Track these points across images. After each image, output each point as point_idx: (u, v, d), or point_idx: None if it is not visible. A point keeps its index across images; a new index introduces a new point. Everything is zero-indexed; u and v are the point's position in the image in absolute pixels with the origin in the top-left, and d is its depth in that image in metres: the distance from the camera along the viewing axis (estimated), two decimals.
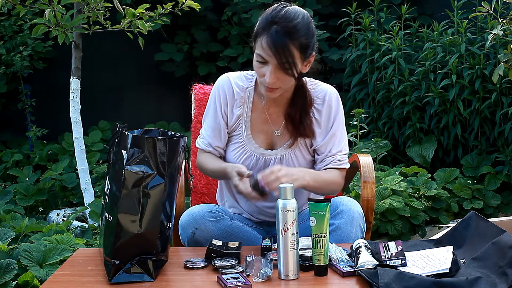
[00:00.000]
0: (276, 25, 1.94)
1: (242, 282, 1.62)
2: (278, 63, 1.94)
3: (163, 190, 1.70)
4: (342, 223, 1.97)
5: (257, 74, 2.02)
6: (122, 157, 1.68)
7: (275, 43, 1.92)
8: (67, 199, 4.04)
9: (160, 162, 1.69)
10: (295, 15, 1.96)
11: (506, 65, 3.26)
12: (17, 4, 3.22)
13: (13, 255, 2.49)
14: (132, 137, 1.69)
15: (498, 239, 1.70)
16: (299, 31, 1.94)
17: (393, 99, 4.27)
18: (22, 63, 4.72)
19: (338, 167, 2.12)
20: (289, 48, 1.93)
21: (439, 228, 3.49)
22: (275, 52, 1.93)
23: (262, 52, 1.96)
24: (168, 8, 3.28)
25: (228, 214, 2.09)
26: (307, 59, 2.01)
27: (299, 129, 2.10)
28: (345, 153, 2.14)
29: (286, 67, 1.95)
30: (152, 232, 1.70)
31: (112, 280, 1.68)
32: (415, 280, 1.57)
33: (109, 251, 1.69)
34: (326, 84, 2.18)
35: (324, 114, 2.12)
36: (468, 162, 4.01)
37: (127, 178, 1.66)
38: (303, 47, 1.96)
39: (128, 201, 1.67)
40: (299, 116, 2.10)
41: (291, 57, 1.94)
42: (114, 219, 1.67)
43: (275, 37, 1.92)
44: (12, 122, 5.27)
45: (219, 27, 5.27)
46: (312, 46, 2.01)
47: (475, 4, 4.09)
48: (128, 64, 5.39)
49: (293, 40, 1.93)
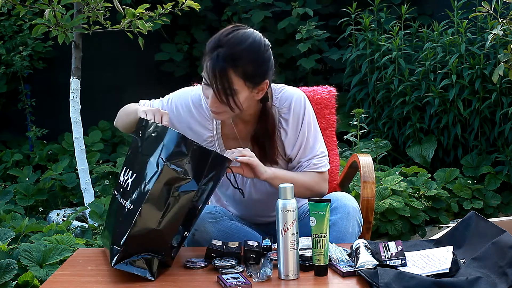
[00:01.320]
0: (220, 49, 1.85)
1: (242, 282, 1.62)
2: (215, 89, 1.86)
3: (192, 197, 1.71)
4: (338, 219, 1.96)
5: (204, 95, 1.97)
6: (160, 151, 1.68)
7: (213, 68, 1.85)
8: (67, 199, 4.04)
9: (200, 171, 1.69)
10: (242, 41, 1.87)
11: (506, 65, 3.26)
12: (17, 4, 3.22)
13: (13, 255, 2.49)
14: (181, 137, 1.70)
15: (498, 239, 1.70)
16: (242, 58, 1.85)
17: (393, 99, 4.28)
18: (22, 63, 4.72)
19: (315, 170, 2.07)
20: (227, 74, 1.84)
21: (439, 228, 3.49)
22: (213, 77, 1.85)
23: (204, 75, 1.90)
24: (168, 8, 3.28)
25: (227, 215, 2.09)
26: (256, 86, 1.92)
27: (264, 154, 2.04)
28: (321, 156, 2.08)
29: (222, 94, 1.86)
30: (168, 232, 1.71)
31: (114, 266, 1.68)
32: (415, 280, 1.57)
33: (121, 238, 1.68)
34: (292, 89, 2.09)
35: (291, 123, 2.05)
36: (468, 162, 4.01)
37: (163, 173, 1.66)
38: (248, 75, 1.87)
39: (157, 195, 1.67)
40: (263, 141, 2.04)
41: (228, 84, 1.85)
42: (137, 208, 1.67)
43: (215, 61, 1.85)
44: (12, 122, 5.27)
45: (219, 27, 5.22)
46: (261, 75, 1.91)
47: (475, 4, 4.09)
48: (128, 64, 5.39)
49: (235, 67, 1.85)
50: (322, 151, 2.10)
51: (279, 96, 2.06)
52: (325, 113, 2.48)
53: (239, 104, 1.90)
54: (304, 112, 2.06)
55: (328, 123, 2.52)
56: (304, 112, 2.06)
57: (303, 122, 2.06)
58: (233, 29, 1.90)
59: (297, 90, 2.10)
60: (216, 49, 1.86)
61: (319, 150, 2.09)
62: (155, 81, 5.49)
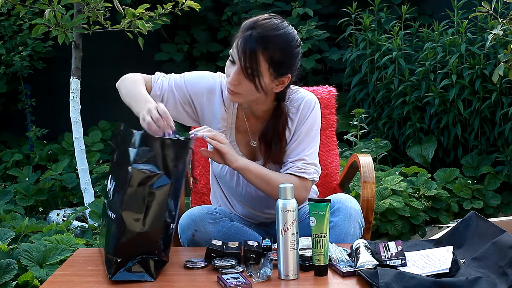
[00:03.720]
0: (254, 30, 1.90)
1: (242, 282, 1.62)
2: (241, 66, 1.89)
3: (168, 191, 1.70)
4: (340, 220, 1.96)
5: (226, 73, 1.99)
6: (129, 155, 1.69)
7: (244, 45, 1.89)
8: (67, 199, 4.04)
9: (167, 163, 1.69)
10: (277, 28, 1.91)
11: (506, 65, 3.26)
12: (17, 4, 3.22)
13: (13, 255, 2.49)
14: (141, 136, 1.70)
15: (498, 239, 1.70)
16: (272, 43, 1.89)
17: (393, 99, 4.28)
18: (22, 63, 4.72)
19: (296, 174, 2.02)
20: (256, 55, 1.88)
21: (439, 228, 3.49)
22: (242, 54, 1.89)
23: (232, 51, 1.93)
24: (168, 8, 3.28)
25: (227, 215, 2.08)
26: (279, 78, 1.95)
27: (270, 151, 2.04)
28: (309, 163, 2.03)
29: (248, 72, 1.90)
30: (155, 231, 1.70)
31: (113, 278, 1.68)
32: (415, 280, 1.57)
33: (112, 248, 1.69)
34: (307, 92, 2.11)
35: (295, 122, 2.06)
36: (468, 162, 4.01)
37: (133, 177, 1.66)
38: (274, 61, 1.90)
39: (133, 199, 1.67)
40: (271, 138, 2.05)
41: (255, 65, 1.88)
42: (118, 216, 1.67)
43: (247, 40, 1.89)
44: (12, 122, 5.27)
45: (219, 27, 5.27)
46: (286, 66, 1.94)
47: (475, 4, 4.09)
48: (128, 64, 5.37)
49: (264, 50, 1.88)
50: (312, 161, 2.05)
51: (292, 96, 2.08)
52: (325, 113, 2.48)
53: (262, 84, 1.92)
54: (310, 115, 2.06)
55: (328, 123, 2.52)
56: (310, 114, 2.06)
57: (304, 123, 2.05)
58: (271, 16, 1.96)
59: (311, 94, 2.11)
60: (250, 29, 1.91)
61: (310, 158, 2.04)
62: None
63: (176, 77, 2.11)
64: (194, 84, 2.09)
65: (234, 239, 1.98)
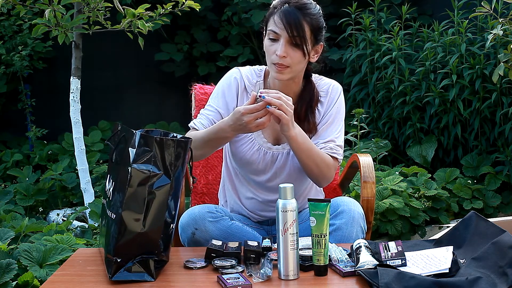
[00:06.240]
0: (288, 4, 2.00)
1: (242, 282, 1.62)
2: (289, 36, 1.98)
3: (168, 191, 1.70)
4: (343, 223, 1.97)
5: (268, 53, 2.03)
6: (128, 155, 1.69)
7: (287, 16, 1.98)
8: (67, 199, 4.04)
9: (167, 163, 1.69)
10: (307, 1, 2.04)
11: (506, 65, 3.26)
12: (17, 4, 3.22)
13: (13, 255, 2.49)
14: (140, 136, 1.70)
15: (498, 239, 1.70)
16: (311, 10, 2.01)
17: (393, 99, 4.28)
18: (22, 63, 4.72)
19: (330, 154, 2.09)
20: (300, 22, 1.98)
21: (439, 228, 3.49)
22: (287, 24, 1.98)
23: (274, 27, 2.00)
24: (168, 8, 3.28)
25: (228, 214, 2.09)
26: (316, 45, 2.05)
27: (304, 126, 2.07)
28: (338, 144, 2.11)
29: (297, 41, 1.98)
30: (155, 231, 1.70)
31: (113, 278, 1.68)
32: (415, 280, 1.57)
33: (112, 248, 1.69)
34: (331, 79, 2.21)
35: (325, 105, 2.14)
36: (468, 162, 4.01)
37: (133, 177, 1.66)
38: (314, 26, 2.01)
39: (133, 199, 1.67)
40: (305, 112, 2.10)
41: (302, 31, 1.98)
42: (118, 216, 1.67)
43: (288, 11, 1.99)
44: (12, 122, 5.27)
45: (219, 27, 5.27)
46: (321, 33, 2.06)
47: (476, 4, 4.09)
48: (128, 64, 5.39)
49: (305, 16, 1.99)
50: (340, 143, 2.13)
51: (318, 82, 2.18)
52: None
53: (309, 49, 2.01)
54: (338, 99, 2.15)
55: None
56: (338, 98, 2.15)
57: (333, 106, 2.13)
58: None
59: (336, 81, 2.20)
60: (284, 4, 2.02)
61: (338, 139, 2.12)
62: (155, 81, 5.49)
63: (204, 111, 2.14)
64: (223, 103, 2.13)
65: (234, 238, 1.99)
